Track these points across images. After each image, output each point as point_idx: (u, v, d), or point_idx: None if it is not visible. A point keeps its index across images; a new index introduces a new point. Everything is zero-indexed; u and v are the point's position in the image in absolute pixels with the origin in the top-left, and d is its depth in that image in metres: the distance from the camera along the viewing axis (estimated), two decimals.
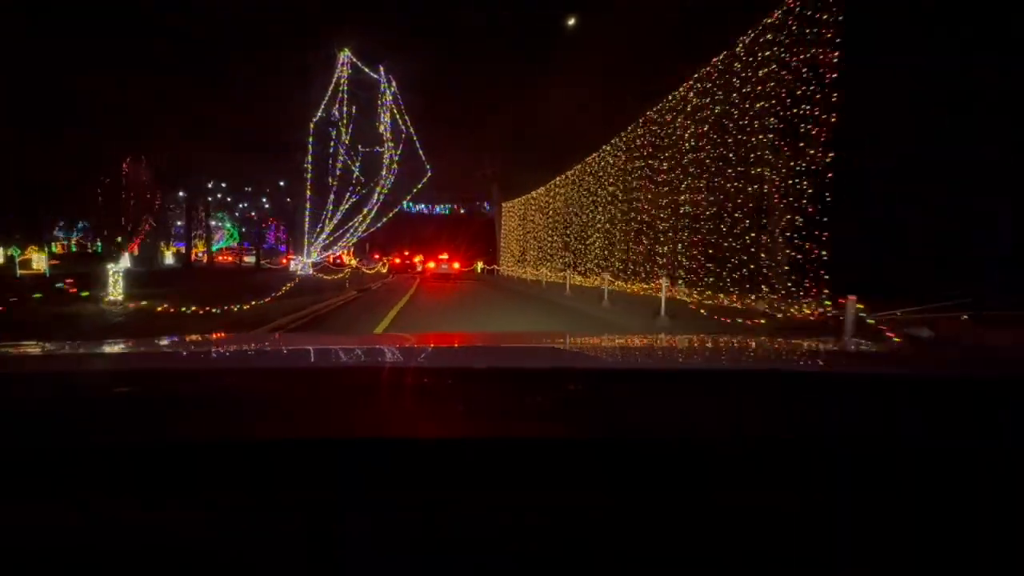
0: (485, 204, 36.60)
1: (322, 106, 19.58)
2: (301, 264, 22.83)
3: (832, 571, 0.61)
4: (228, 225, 51.73)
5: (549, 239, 22.12)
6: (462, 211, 40.67)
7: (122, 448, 0.65)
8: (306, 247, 21.86)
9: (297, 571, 0.59)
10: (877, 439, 0.68)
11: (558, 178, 20.42)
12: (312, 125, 18.66)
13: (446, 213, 41.02)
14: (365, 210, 21.64)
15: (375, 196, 21.70)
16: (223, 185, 42.74)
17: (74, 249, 41.23)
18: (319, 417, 0.69)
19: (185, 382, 0.78)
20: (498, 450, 0.66)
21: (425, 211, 41.20)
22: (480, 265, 33.34)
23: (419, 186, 23.47)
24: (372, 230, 23.44)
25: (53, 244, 38.67)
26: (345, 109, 19.74)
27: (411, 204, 39.71)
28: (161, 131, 26.54)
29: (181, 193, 42.16)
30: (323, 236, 23.54)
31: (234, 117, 24.10)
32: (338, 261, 26.29)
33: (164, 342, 1.31)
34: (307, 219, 20.50)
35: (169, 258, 41.41)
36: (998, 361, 1.20)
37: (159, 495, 0.63)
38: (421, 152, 22.53)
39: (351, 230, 22.48)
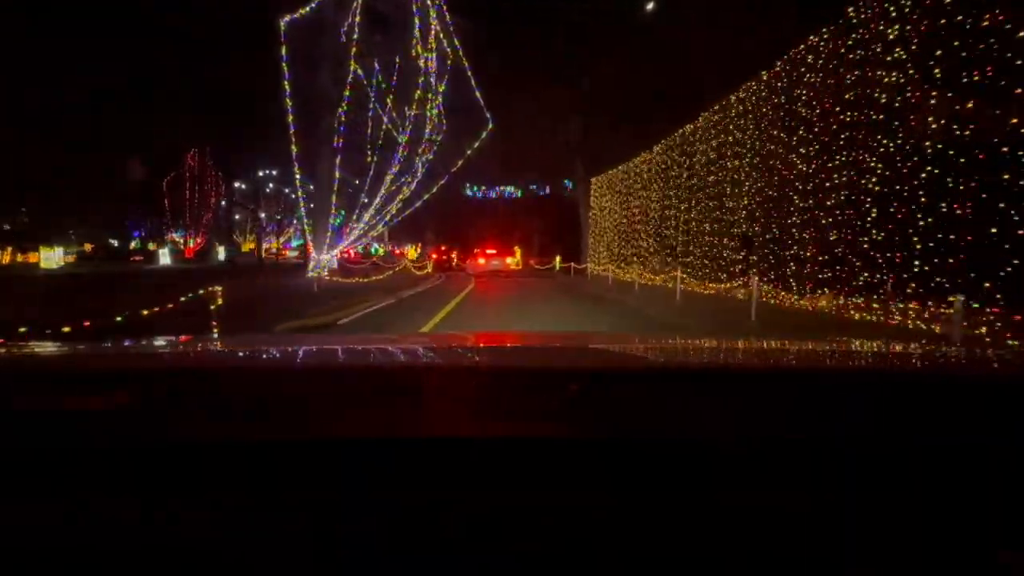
0: (565, 183, 28.19)
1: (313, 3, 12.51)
2: (315, 263, 16.44)
3: (838, 572, 0.59)
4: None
5: (681, 222, 13.88)
6: (533, 190, 32.45)
7: (124, 448, 0.65)
8: (308, 237, 15.35)
9: (302, 571, 0.58)
10: (884, 438, 0.66)
11: (703, 116, 12.11)
12: (282, 27, 11.81)
13: (517, 196, 33.28)
14: (390, 177, 14.55)
15: (401, 154, 14.52)
16: (273, 173, 39.27)
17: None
18: (323, 417, 0.68)
19: (187, 382, 0.76)
20: (502, 450, 0.65)
21: (490, 195, 33.84)
22: (558, 261, 25.64)
23: (477, 144, 16.09)
24: (405, 213, 16.47)
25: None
26: (357, 21, 12.73)
27: (474, 189, 32.62)
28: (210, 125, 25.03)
29: (239, 185, 39.60)
30: (348, 222, 17.01)
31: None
32: (348, 257, 19.78)
33: (166, 342, 1.25)
34: (299, 193, 13.80)
35: (222, 254, 39.02)
36: (1005, 360, 1.02)
37: (162, 495, 0.62)
38: (478, 94, 15.06)
39: (377, 212, 15.64)
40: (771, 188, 9.44)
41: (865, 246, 7.29)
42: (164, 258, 33.17)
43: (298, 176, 13.39)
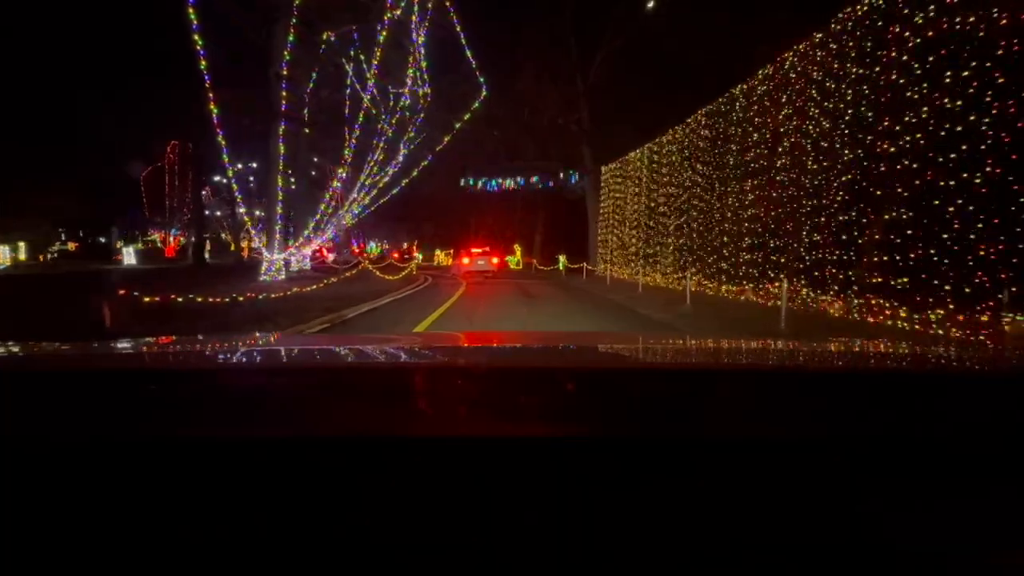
0: (572, 175, 24.96)
1: None
2: (268, 264, 13.36)
3: (839, 570, 0.60)
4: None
5: (732, 211, 10.75)
6: (535, 183, 29.15)
7: (123, 448, 0.65)
8: (252, 232, 12.36)
9: (301, 571, 0.58)
10: (884, 438, 0.66)
11: (761, 73, 8.93)
12: None
13: (516, 189, 30.07)
14: (348, 151, 11.45)
15: (361, 119, 11.40)
16: (253, 165, 36.37)
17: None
18: (320, 417, 0.69)
19: (184, 382, 0.76)
20: (501, 450, 0.65)
21: (489, 187, 30.63)
22: (563, 261, 22.54)
23: (469, 114, 13.02)
24: (380, 203, 13.40)
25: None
26: None
27: (471, 182, 29.47)
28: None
29: (220, 179, 36.87)
30: (310, 215, 13.99)
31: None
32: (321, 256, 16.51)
33: (163, 341, 1.28)
34: (229, 172, 10.72)
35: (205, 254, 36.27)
36: (1005, 360, 1.01)
37: (160, 495, 0.62)
38: (469, 53, 11.97)
39: (344, 202, 12.57)
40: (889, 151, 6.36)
41: None
42: (129, 257, 30.43)
43: (223, 144, 10.22)
